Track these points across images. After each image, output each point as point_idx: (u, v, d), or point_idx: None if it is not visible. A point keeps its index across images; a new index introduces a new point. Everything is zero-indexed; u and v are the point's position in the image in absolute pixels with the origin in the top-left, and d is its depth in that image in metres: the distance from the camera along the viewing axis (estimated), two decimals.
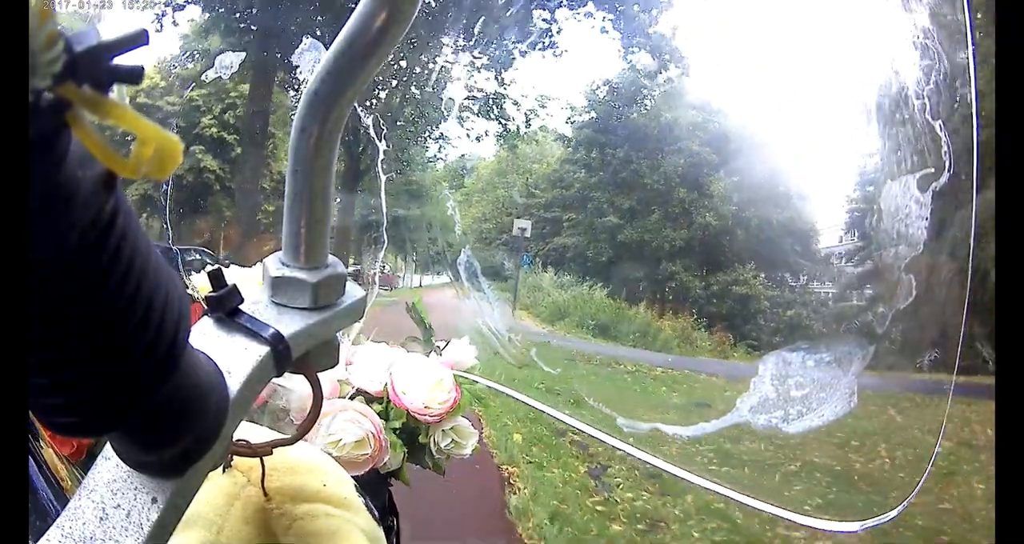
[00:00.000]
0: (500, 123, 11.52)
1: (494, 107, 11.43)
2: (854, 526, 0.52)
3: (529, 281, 12.02)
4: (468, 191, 14.09)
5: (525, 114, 11.69)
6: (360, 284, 0.36)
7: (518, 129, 11.83)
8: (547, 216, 12.99)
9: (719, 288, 10.74)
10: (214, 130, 10.24)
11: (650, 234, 11.46)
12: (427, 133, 11.69)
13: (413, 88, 10.03)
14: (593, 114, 12.34)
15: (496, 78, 10.99)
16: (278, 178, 10.82)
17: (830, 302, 9.62)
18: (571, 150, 12.76)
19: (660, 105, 11.84)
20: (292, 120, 0.30)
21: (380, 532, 0.48)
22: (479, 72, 10.84)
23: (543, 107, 11.82)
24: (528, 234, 11.11)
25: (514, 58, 10.64)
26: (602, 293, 10.90)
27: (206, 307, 0.31)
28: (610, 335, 9.89)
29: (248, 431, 0.47)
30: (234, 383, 0.28)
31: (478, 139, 12.03)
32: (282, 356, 0.31)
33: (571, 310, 10.56)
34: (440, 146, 12.39)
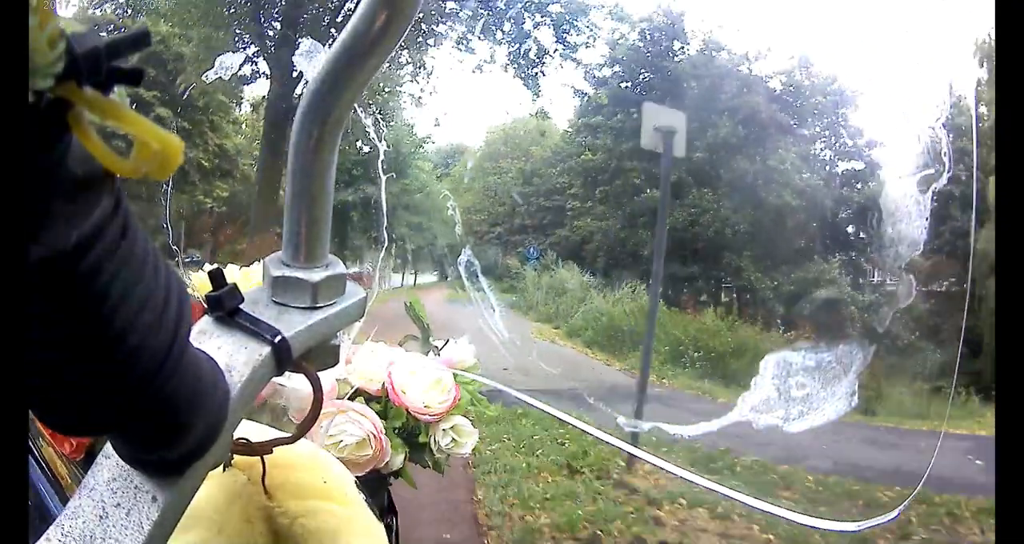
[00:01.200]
0: (513, 45, 7.47)
1: (502, 23, 7.34)
2: (853, 526, 0.52)
3: (544, 281, 8.81)
4: (454, 179, 11.79)
5: (552, 26, 7.45)
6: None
7: (540, 55, 7.72)
8: (547, 204, 10.15)
9: (796, 289, 7.70)
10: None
11: (708, 217, 8.13)
12: (402, 61, 7.54)
13: None
14: (618, 68, 9.24)
15: None
16: (216, 151, 9.38)
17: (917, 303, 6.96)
18: (590, 112, 9.58)
19: (706, 52, 8.72)
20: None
21: (380, 528, 0.48)
22: None
23: (574, 25, 7.68)
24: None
25: None
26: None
27: (206, 306, 0.31)
28: (728, 374, 6.14)
29: (248, 429, 0.47)
30: (234, 382, 0.28)
31: (479, 68, 7.77)
32: (283, 355, 0.31)
33: (631, 328, 6.52)
34: (418, 82, 7.95)
